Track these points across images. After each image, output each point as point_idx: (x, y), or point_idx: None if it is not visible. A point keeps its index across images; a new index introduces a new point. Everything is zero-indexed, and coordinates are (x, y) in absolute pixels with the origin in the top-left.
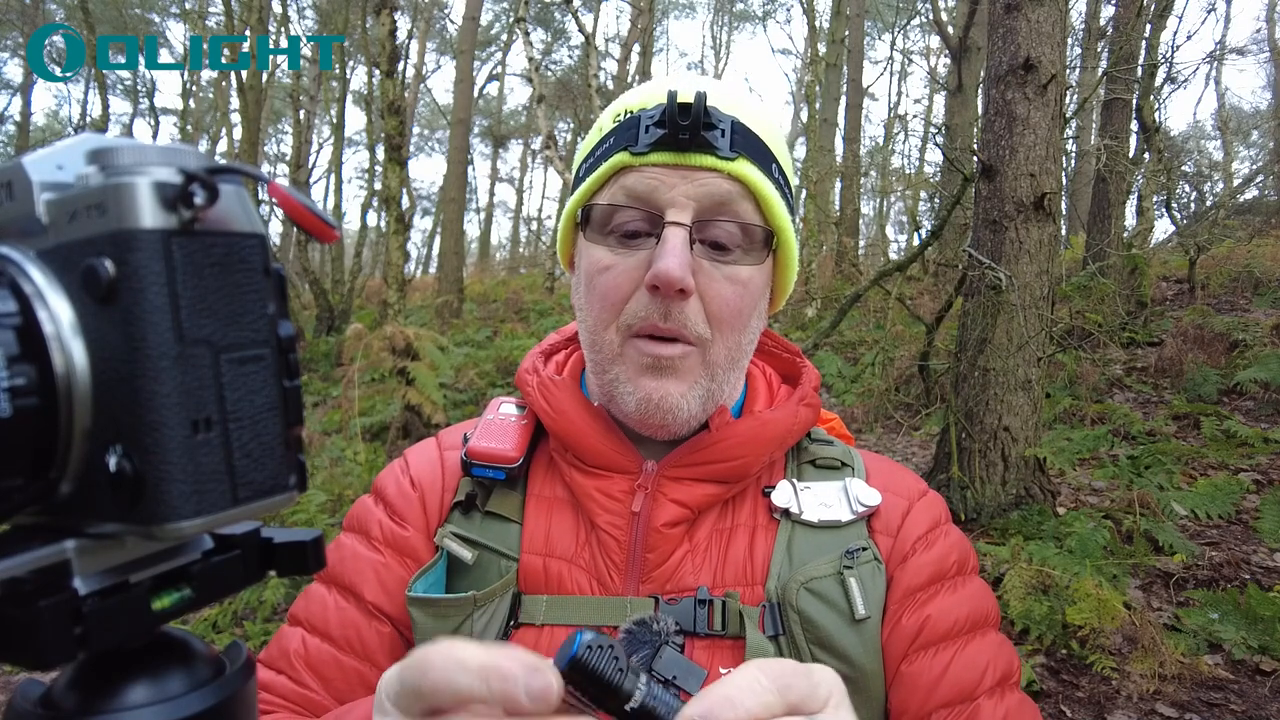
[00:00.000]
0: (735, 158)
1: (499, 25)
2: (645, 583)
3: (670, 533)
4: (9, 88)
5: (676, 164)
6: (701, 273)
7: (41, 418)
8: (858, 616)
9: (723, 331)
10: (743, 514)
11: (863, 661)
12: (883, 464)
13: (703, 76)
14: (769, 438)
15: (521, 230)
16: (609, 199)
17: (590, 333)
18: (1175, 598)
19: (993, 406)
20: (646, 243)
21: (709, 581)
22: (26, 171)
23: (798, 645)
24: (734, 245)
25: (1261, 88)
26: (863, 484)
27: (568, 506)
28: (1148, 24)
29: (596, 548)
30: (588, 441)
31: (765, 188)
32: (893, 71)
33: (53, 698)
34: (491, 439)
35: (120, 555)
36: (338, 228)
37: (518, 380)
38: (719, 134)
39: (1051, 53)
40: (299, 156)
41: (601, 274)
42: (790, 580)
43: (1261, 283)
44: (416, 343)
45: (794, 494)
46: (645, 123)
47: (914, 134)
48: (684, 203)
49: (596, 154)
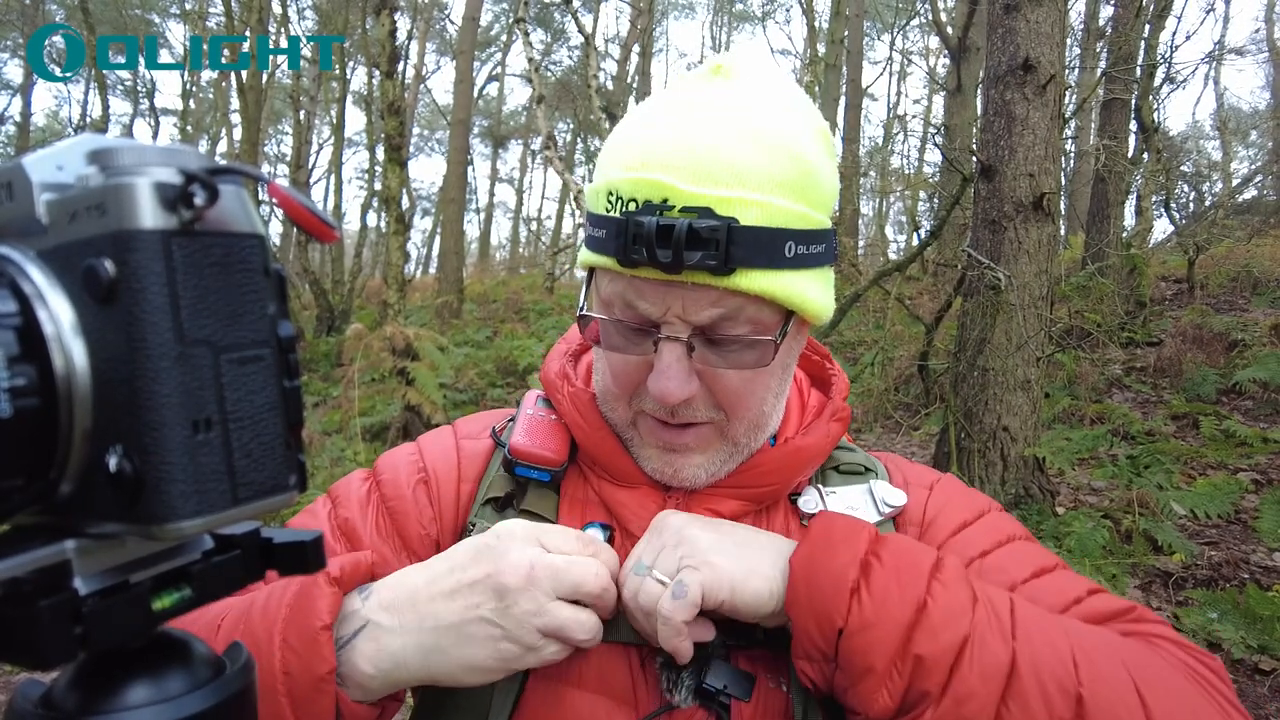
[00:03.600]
0: (731, 271)
1: (499, 26)
2: None
3: None
4: (9, 88)
5: (668, 281)
6: (706, 373)
7: (42, 418)
8: None
9: (737, 413)
10: (776, 522)
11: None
12: (899, 462)
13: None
14: (801, 463)
15: (521, 230)
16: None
17: (603, 394)
18: (1174, 597)
19: (992, 406)
20: (646, 345)
21: None
22: (27, 172)
23: None
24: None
25: (1260, 88)
26: (887, 485)
27: (601, 511)
28: (1146, 24)
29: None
30: (619, 461)
31: (771, 288)
32: (892, 72)
33: (53, 698)
34: (535, 439)
35: (120, 555)
36: (338, 228)
37: (545, 383)
38: (711, 248)
39: (1050, 53)
40: (299, 157)
41: (611, 353)
42: None
43: (1260, 282)
44: (416, 343)
45: (821, 499)
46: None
47: (913, 134)
48: (678, 320)
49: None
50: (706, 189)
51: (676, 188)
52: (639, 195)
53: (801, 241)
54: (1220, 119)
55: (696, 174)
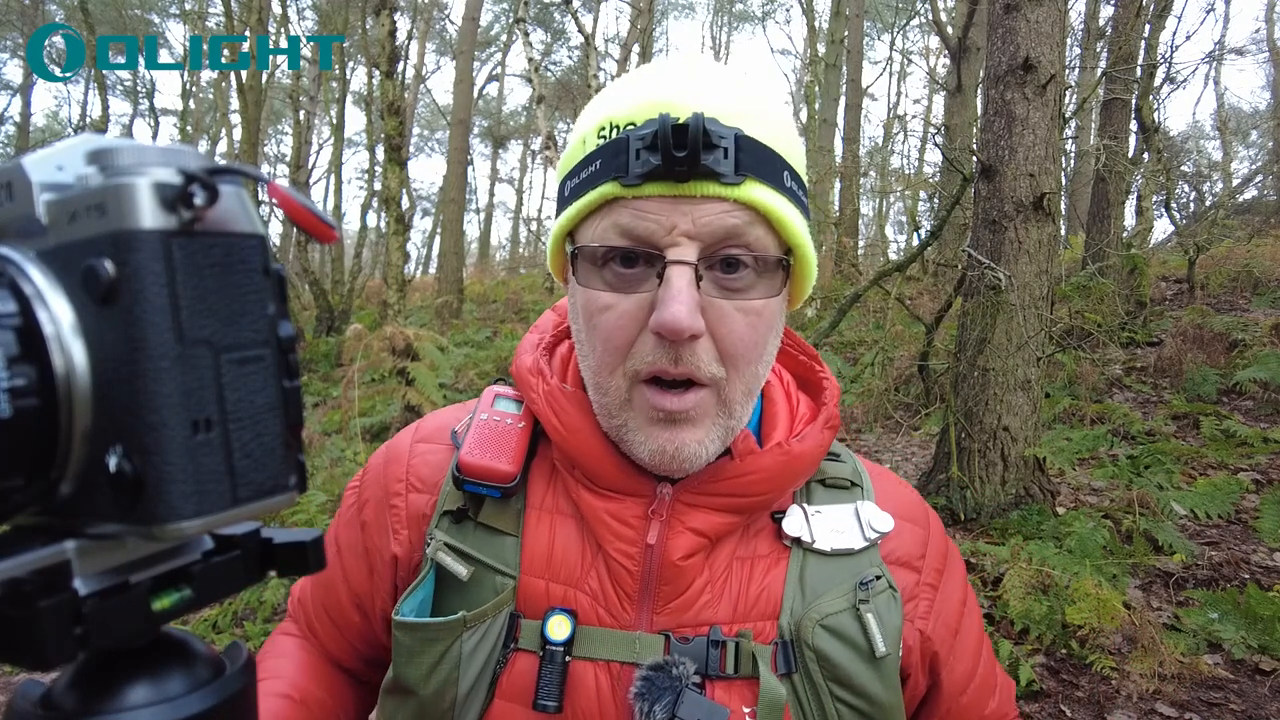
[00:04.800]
0: (741, 181)
1: (499, 26)
2: (659, 614)
3: (687, 564)
4: (9, 88)
5: (675, 195)
6: (711, 310)
7: (42, 418)
8: (877, 654)
9: (738, 367)
10: (759, 542)
11: (883, 698)
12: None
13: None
14: (796, 471)
15: (521, 230)
16: (600, 238)
17: (594, 374)
18: (1175, 597)
19: (992, 406)
20: (647, 280)
21: (727, 615)
22: (26, 172)
23: (814, 683)
24: (745, 275)
25: (1260, 88)
26: (874, 508)
27: (571, 521)
28: (1147, 24)
29: (605, 574)
30: (602, 464)
31: (777, 208)
32: (892, 72)
33: (53, 698)
34: (485, 450)
35: (120, 556)
36: (337, 228)
37: (517, 378)
38: (721, 155)
39: (1051, 53)
40: (299, 157)
41: (601, 314)
42: (805, 617)
43: (1261, 282)
44: (416, 343)
45: (805, 521)
46: (635, 145)
47: (913, 134)
48: (686, 241)
49: (581, 176)
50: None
51: (677, 104)
52: (637, 118)
53: (795, 180)
54: (1220, 119)
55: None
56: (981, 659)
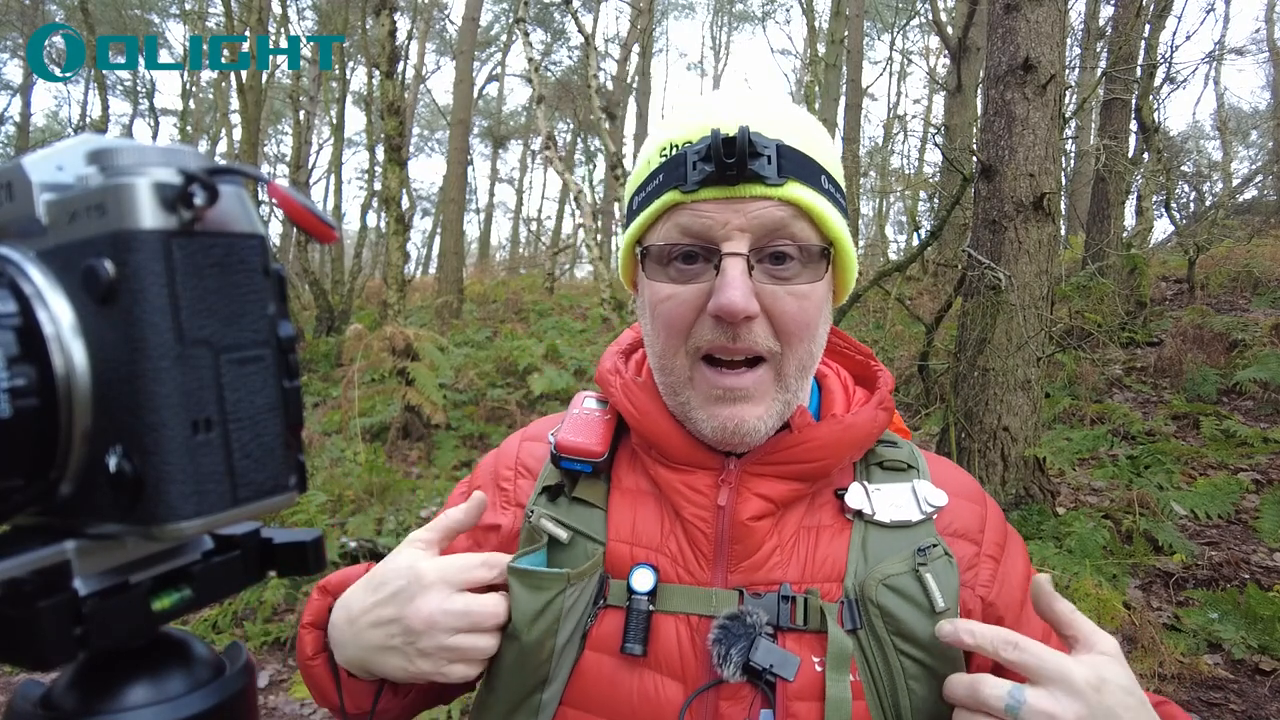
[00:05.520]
0: (784, 182)
1: (499, 26)
2: (733, 573)
3: (756, 525)
4: (9, 88)
5: (728, 197)
6: (764, 294)
7: (42, 418)
8: (937, 609)
9: (792, 344)
10: (823, 514)
11: (943, 650)
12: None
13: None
14: (850, 441)
15: (521, 231)
16: (664, 238)
17: (659, 358)
18: (1175, 597)
19: (992, 406)
20: (706, 273)
21: (796, 576)
22: (26, 172)
23: (878, 637)
24: (792, 264)
25: (1260, 88)
26: (929, 485)
27: (651, 498)
28: (1147, 24)
29: (683, 538)
30: (672, 440)
31: (817, 205)
32: (892, 72)
33: (53, 698)
34: (578, 434)
35: (120, 556)
36: (337, 228)
37: (599, 379)
38: (765, 161)
39: (1051, 53)
40: (299, 157)
41: (665, 302)
42: (868, 578)
43: (1261, 282)
44: (416, 343)
45: (866, 496)
46: (692, 158)
47: (913, 134)
48: (739, 234)
49: (647, 190)
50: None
51: (726, 121)
52: (693, 137)
53: (832, 183)
54: (1220, 119)
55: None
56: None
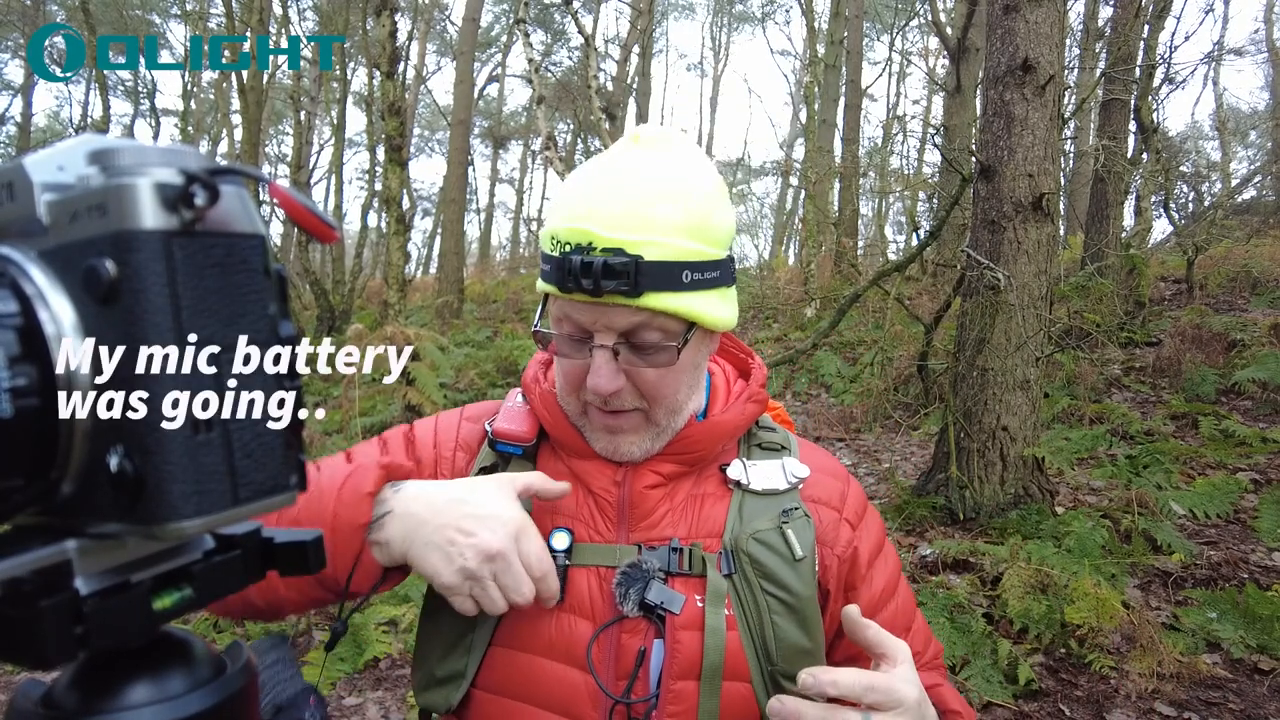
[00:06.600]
0: (641, 293)
1: (499, 27)
2: (633, 532)
3: (651, 493)
4: (10, 89)
5: (592, 303)
6: (630, 371)
7: (43, 418)
8: (796, 557)
9: (656, 401)
10: (709, 484)
11: (800, 590)
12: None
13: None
14: (720, 434)
15: (522, 231)
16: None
17: (560, 390)
18: (1173, 597)
19: (991, 406)
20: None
21: (684, 533)
22: (28, 172)
23: (749, 580)
24: (651, 349)
25: (1259, 88)
26: (796, 462)
27: (568, 477)
28: (1146, 25)
29: (593, 507)
30: (578, 444)
31: (671, 305)
32: (891, 72)
33: (54, 697)
34: (511, 423)
35: (121, 555)
36: (338, 228)
37: (523, 385)
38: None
39: (1050, 53)
40: (299, 157)
41: (561, 359)
42: (741, 533)
43: (1259, 282)
44: (417, 343)
45: (744, 470)
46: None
47: (912, 135)
48: (605, 330)
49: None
50: (619, 234)
51: (597, 234)
52: (571, 240)
53: (697, 270)
54: (1219, 119)
55: (613, 224)
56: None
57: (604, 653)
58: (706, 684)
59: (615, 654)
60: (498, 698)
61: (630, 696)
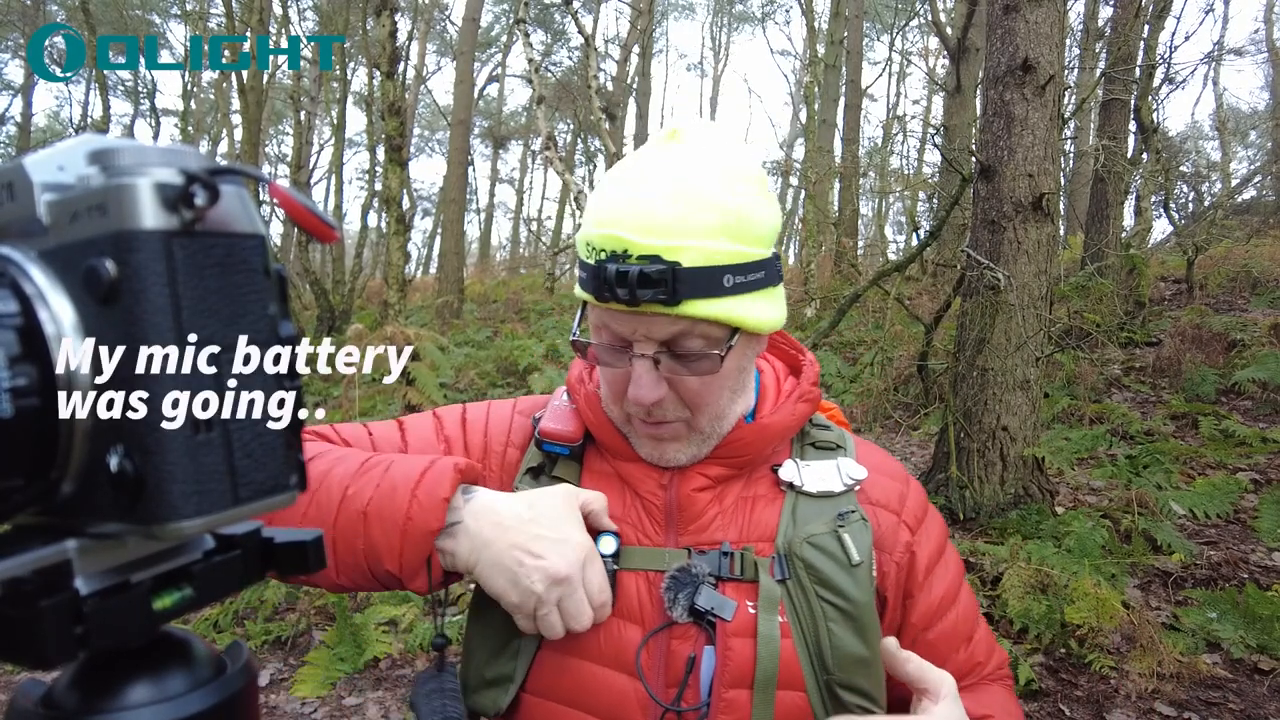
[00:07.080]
0: (679, 302)
1: (499, 27)
2: (682, 536)
3: (699, 496)
4: (10, 89)
5: (630, 312)
6: (672, 379)
7: (43, 418)
8: (853, 562)
9: (699, 410)
10: (760, 486)
11: (857, 596)
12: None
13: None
14: (770, 436)
15: (522, 231)
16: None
17: (605, 400)
18: (1173, 597)
19: (991, 406)
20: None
21: (735, 536)
22: (28, 172)
23: (803, 585)
24: (693, 357)
25: (1259, 88)
26: (852, 462)
27: (614, 479)
28: (1146, 25)
29: (640, 510)
30: (624, 448)
31: (713, 312)
32: (891, 72)
33: (54, 697)
34: (558, 422)
35: (121, 555)
36: (338, 228)
37: (569, 386)
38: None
39: (1050, 53)
40: (300, 157)
41: (603, 368)
42: (795, 537)
43: (1259, 282)
44: (417, 343)
45: (797, 471)
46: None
47: (912, 135)
48: (645, 340)
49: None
50: (655, 240)
51: (633, 240)
52: (606, 247)
53: (738, 273)
54: (1219, 119)
55: (647, 229)
56: (957, 608)
57: (653, 659)
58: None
59: (665, 660)
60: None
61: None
